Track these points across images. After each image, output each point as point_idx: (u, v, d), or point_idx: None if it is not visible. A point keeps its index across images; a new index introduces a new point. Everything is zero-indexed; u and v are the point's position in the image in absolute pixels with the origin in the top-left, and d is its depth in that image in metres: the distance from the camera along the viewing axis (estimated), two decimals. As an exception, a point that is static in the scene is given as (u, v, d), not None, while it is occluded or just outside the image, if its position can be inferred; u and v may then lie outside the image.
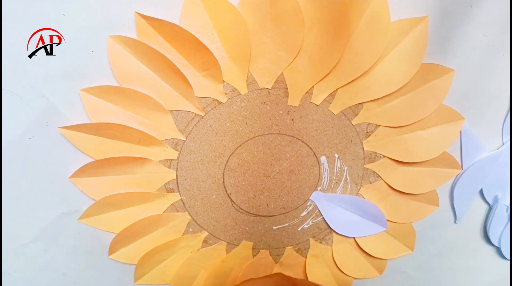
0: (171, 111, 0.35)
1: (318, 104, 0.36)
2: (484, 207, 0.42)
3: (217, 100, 0.35)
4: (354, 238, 0.42)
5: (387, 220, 0.41)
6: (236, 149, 0.37)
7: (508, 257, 0.43)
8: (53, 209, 0.37)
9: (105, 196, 0.37)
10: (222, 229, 0.40)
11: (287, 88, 0.35)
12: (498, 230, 0.42)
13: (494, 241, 0.43)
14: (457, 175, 0.39)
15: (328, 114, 0.36)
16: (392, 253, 0.43)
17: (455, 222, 0.42)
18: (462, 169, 0.39)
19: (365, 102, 0.36)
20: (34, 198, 0.36)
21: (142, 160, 0.36)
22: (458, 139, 0.38)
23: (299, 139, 0.37)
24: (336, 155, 0.38)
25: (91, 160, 0.35)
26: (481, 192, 0.40)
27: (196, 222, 0.40)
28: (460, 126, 0.37)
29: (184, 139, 0.36)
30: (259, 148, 0.37)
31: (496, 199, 0.40)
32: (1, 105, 0.32)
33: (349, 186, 0.40)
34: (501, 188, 0.40)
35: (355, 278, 0.43)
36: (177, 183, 0.37)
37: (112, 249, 0.39)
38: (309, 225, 0.41)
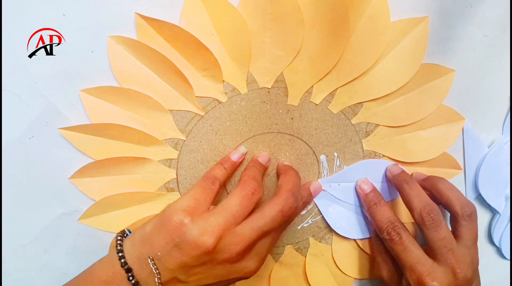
0: (171, 111, 0.35)
1: (317, 103, 0.36)
2: (487, 207, 0.41)
3: (217, 100, 0.35)
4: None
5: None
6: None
7: (508, 257, 0.43)
8: (53, 209, 0.37)
9: (105, 196, 0.37)
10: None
11: (286, 87, 0.35)
12: (499, 231, 0.42)
13: (496, 241, 0.43)
14: (456, 176, 0.39)
15: (327, 113, 0.36)
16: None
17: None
18: (462, 170, 0.39)
19: (364, 102, 0.36)
20: (34, 198, 0.36)
21: (142, 160, 0.36)
22: (460, 139, 0.38)
23: (298, 138, 0.37)
24: (336, 154, 0.38)
25: (91, 160, 0.35)
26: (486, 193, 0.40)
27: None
28: (460, 126, 0.37)
29: (184, 139, 0.36)
30: (258, 147, 0.37)
31: (506, 198, 0.40)
32: (1, 105, 0.32)
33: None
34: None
35: (355, 278, 0.43)
36: (177, 182, 0.37)
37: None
38: (308, 223, 0.41)
